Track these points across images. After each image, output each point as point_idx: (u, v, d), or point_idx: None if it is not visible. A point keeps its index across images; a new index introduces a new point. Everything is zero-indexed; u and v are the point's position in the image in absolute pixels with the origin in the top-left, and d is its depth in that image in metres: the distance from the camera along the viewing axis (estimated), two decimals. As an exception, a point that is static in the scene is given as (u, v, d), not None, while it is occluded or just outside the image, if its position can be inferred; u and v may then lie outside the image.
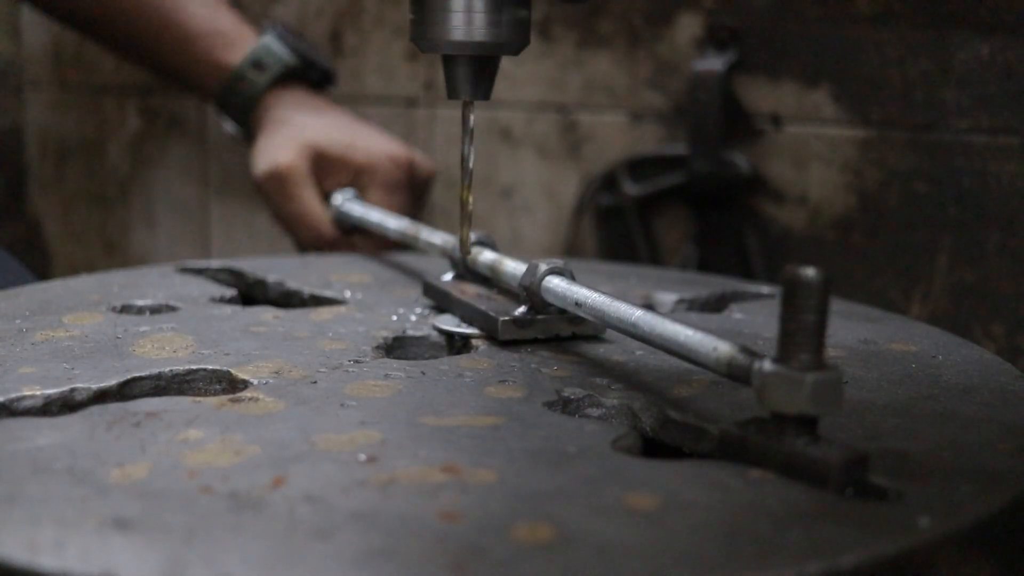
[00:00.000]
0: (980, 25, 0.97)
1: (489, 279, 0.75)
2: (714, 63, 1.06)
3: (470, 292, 0.73)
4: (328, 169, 1.04)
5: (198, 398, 0.57)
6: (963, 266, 1.01)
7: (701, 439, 0.54)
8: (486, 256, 0.74)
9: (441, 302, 0.75)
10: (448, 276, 0.77)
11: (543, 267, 0.66)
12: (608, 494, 0.46)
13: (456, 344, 0.70)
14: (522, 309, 0.68)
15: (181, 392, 0.60)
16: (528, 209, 1.18)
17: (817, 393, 0.47)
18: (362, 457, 0.50)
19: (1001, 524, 0.47)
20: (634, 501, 0.46)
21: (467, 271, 0.76)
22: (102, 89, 1.36)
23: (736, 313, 0.78)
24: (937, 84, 1.00)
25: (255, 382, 0.59)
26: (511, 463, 0.49)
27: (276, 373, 0.61)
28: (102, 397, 0.57)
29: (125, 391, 0.58)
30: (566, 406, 0.58)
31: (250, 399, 0.57)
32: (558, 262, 0.67)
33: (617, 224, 1.14)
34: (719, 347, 0.52)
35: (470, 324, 0.70)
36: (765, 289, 0.85)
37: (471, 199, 0.70)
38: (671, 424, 0.56)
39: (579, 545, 0.42)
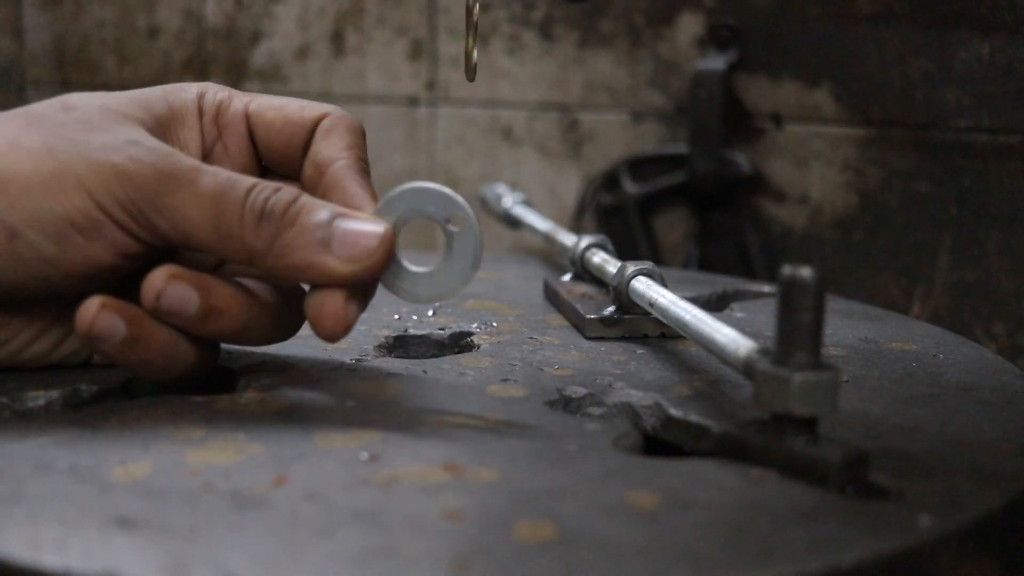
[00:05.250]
0: (980, 24, 0.97)
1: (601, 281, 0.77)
2: (715, 62, 1.06)
3: (577, 292, 0.76)
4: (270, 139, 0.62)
5: (200, 397, 0.58)
6: (964, 265, 1.01)
7: (702, 438, 0.54)
8: (596, 258, 0.76)
9: (552, 300, 0.78)
10: (566, 277, 0.80)
11: (631, 268, 0.68)
12: (609, 493, 0.47)
13: (459, 343, 0.70)
14: (611, 309, 0.70)
15: (183, 391, 0.60)
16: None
17: (805, 393, 0.47)
18: (364, 456, 0.50)
19: (1002, 522, 0.47)
20: (635, 500, 0.46)
21: (584, 272, 0.78)
22: (104, 89, 1.36)
23: (737, 312, 0.78)
24: (938, 83, 1.00)
25: (257, 381, 0.59)
26: (513, 462, 0.50)
27: (278, 372, 0.61)
28: (105, 396, 0.57)
29: (128, 390, 0.58)
30: (567, 405, 0.58)
31: (253, 398, 0.57)
32: (647, 264, 0.68)
33: (618, 223, 1.14)
34: (740, 348, 0.52)
35: (570, 323, 0.73)
36: (766, 288, 0.85)
37: (477, 8, 0.69)
38: (672, 423, 0.56)
39: (580, 543, 0.42)
